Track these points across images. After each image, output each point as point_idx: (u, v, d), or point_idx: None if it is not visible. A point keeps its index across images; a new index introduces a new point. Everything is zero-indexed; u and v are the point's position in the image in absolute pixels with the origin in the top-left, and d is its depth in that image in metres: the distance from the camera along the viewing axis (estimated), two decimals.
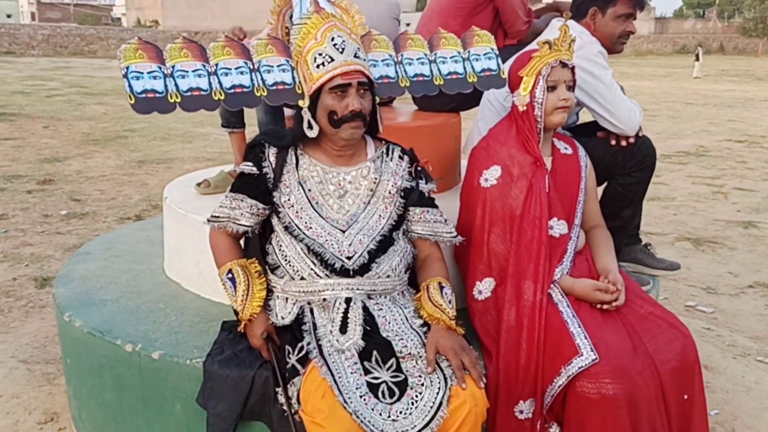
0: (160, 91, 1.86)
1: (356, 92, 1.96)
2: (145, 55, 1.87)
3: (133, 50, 1.87)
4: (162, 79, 1.87)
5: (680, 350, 2.14)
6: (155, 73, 1.87)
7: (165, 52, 1.91)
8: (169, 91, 1.86)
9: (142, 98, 1.83)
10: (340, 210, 2.04)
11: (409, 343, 1.91)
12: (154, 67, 1.87)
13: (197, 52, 1.95)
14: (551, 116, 2.19)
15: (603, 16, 2.53)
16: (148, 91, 1.84)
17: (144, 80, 1.84)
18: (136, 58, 1.86)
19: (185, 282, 2.62)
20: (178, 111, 1.92)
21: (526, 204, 2.16)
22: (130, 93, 1.83)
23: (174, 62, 1.90)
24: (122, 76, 1.84)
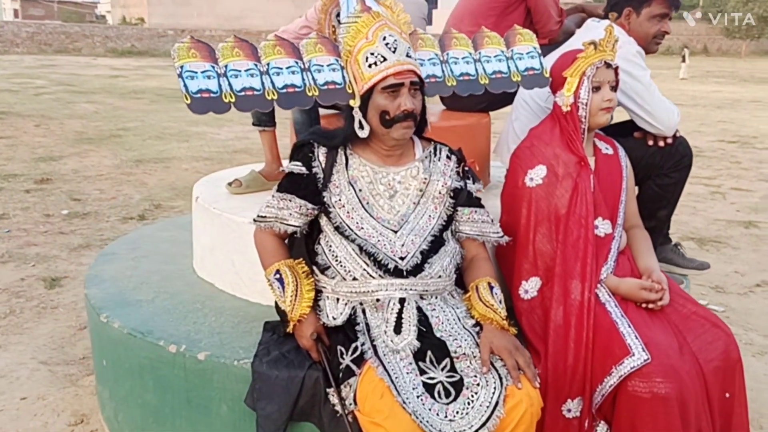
0: (215, 91, 1.84)
1: (408, 92, 1.96)
2: (198, 54, 1.86)
3: (186, 49, 1.86)
4: (216, 78, 1.86)
5: (723, 349, 2.15)
6: (209, 72, 1.86)
7: (217, 51, 1.90)
8: (223, 91, 1.85)
9: (197, 98, 1.82)
10: (391, 210, 2.04)
11: (463, 343, 1.91)
12: (207, 66, 1.86)
13: (248, 51, 1.94)
14: (595, 117, 2.20)
15: (638, 17, 2.55)
16: (203, 91, 1.83)
17: (198, 80, 1.83)
18: (190, 57, 1.85)
19: (219, 282, 2.61)
20: (173, 110, 1.91)
21: (571, 203, 2.18)
22: (186, 93, 1.82)
23: (226, 61, 1.89)
24: (177, 76, 1.82)
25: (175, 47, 1.84)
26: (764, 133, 12.34)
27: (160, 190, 7.15)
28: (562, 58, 2.25)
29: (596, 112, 2.20)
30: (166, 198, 6.83)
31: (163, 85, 19.41)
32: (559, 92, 2.22)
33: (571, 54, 2.23)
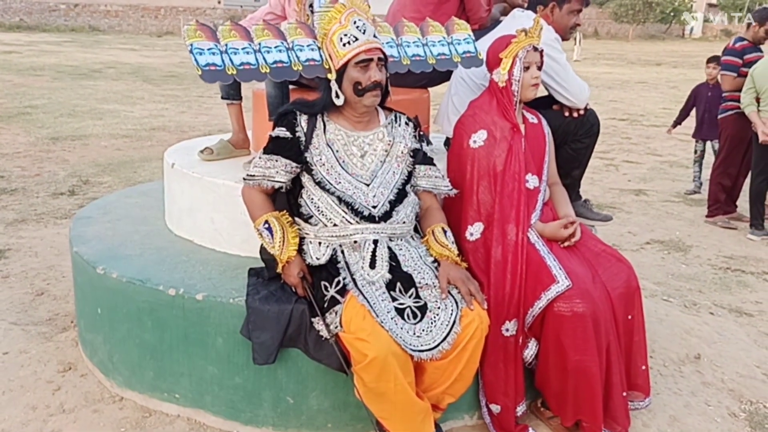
0: (219, 65, 2.19)
1: (376, 66, 2.37)
2: (203, 35, 2.21)
3: (193, 30, 2.21)
4: (219, 54, 2.21)
5: (625, 279, 2.70)
6: (213, 49, 2.20)
7: (218, 32, 2.24)
8: (226, 65, 2.20)
9: (207, 70, 2.17)
10: (363, 167, 2.44)
11: (426, 275, 2.36)
12: (211, 44, 2.21)
13: (243, 33, 2.31)
14: (526, 91, 2.69)
15: (560, 10, 3.05)
16: (211, 65, 2.18)
17: (205, 55, 2.17)
18: (197, 37, 2.20)
19: (198, 239, 2.93)
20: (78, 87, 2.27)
21: (507, 161, 2.65)
22: (197, 66, 2.17)
23: (226, 41, 2.25)
24: (188, 52, 2.16)
25: (185, 29, 2.18)
26: (650, 112, 13.47)
27: (84, 167, 7.22)
28: (498, 42, 2.70)
29: (527, 87, 2.69)
30: (93, 174, 6.92)
31: (61, 61, 18.81)
32: (496, 70, 2.68)
33: (506, 39, 2.69)
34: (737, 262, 5.15)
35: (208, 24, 2.24)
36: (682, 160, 8.97)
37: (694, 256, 5.27)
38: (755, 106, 5.63)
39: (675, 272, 4.87)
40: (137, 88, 14.19)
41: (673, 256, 5.28)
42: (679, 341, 3.63)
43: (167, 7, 38.30)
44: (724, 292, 4.51)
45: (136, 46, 26.74)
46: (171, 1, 39.75)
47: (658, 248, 5.45)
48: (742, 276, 4.85)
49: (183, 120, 10.53)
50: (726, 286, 4.64)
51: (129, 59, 20.87)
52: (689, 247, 5.47)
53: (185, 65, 19.76)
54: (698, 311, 4.15)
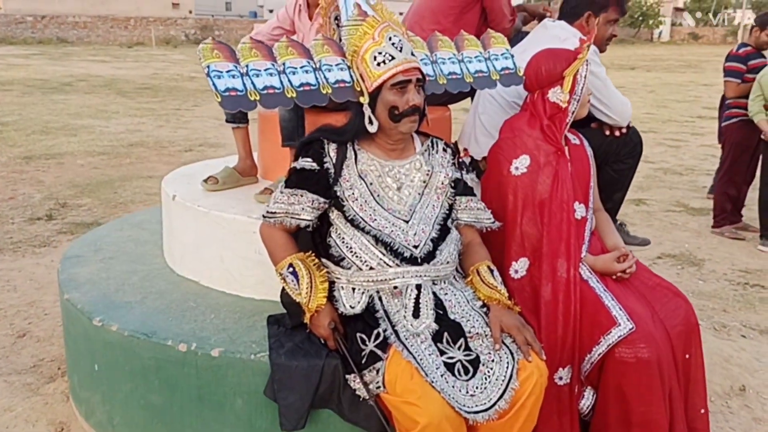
0: (241, 89, 1.89)
1: (414, 88, 2.08)
2: (221, 55, 1.90)
3: (209, 50, 1.89)
4: (240, 77, 1.91)
5: (684, 315, 2.44)
6: (233, 71, 1.90)
7: (237, 51, 1.94)
8: (248, 89, 1.90)
9: (227, 96, 1.86)
10: (400, 201, 2.15)
11: (476, 323, 2.07)
12: (230, 66, 1.91)
13: (265, 51, 2.00)
14: (582, 110, 2.42)
15: (596, 20, 2.79)
16: (231, 90, 1.87)
17: (225, 79, 1.87)
18: (214, 57, 1.89)
19: (205, 279, 2.62)
20: (50, 102, 1.96)
21: (553, 189, 2.38)
22: (216, 91, 1.86)
23: (247, 61, 1.94)
24: (205, 75, 1.85)
25: (200, 48, 1.87)
26: (634, 117, 13.26)
27: (60, 188, 6.82)
28: (554, 58, 2.42)
29: (584, 105, 2.43)
30: (71, 196, 6.53)
31: (30, 75, 18.24)
32: (553, 89, 2.40)
33: (565, 54, 2.41)
34: (754, 277, 4.95)
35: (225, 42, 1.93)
36: (675, 167, 8.82)
37: (709, 271, 5.07)
38: (764, 114, 5.46)
39: (695, 290, 4.65)
40: (111, 101, 13.72)
41: (688, 271, 5.06)
42: (721, 371, 3.38)
43: (137, 17, 37.63)
44: (749, 311, 4.30)
45: (106, 58, 26.13)
46: (141, 11, 39.11)
47: (671, 263, 5.24)
48: (762, 292, 4.65)
49: (162, 134, 10.14)
50: (749, 303, 4.43)
51: (100, 71, 20.33)
52: (702, 261, 5.27)
53: (159, 77, 19.32)
54: (729, 334, 3.93)
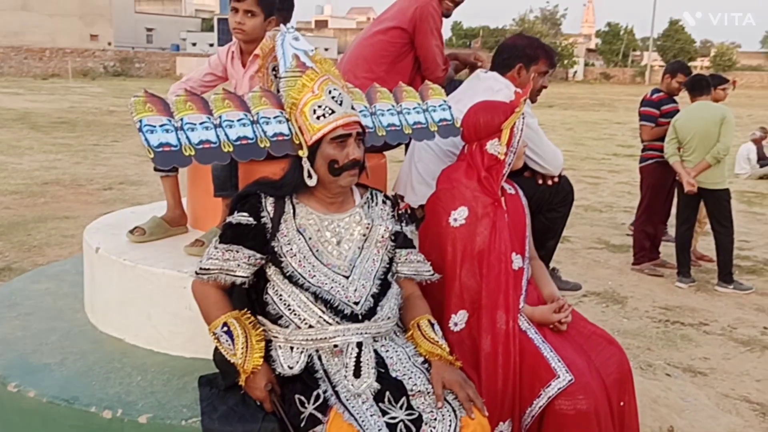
0: (175, 145, 1.81)
1: (354, 141, 2.05)
2: (154, 108, 1.82)
3: (142, 103, 1.81)
4: (174, 132, 1.83)
5: (618, 363, 2.46)
6: (167, 126, 1.82)
7: (171, 104, 1.86)
8: (182, 144, 1.82)
9: (160, 152, 1.78)
10: (340, 256, 2.10)
11: (417, 381, 2.03)
12: (164, 120, 1.83)
13: (200, 104, 1.93)
14: (518, 161, 2.44)
15: (527, 72, 2.84)
16: (164, 145, 1.79)
17: (158, 133, 1.79)
18: (146, 111, 1.81)
19: (131, 337, 2.48)
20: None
21: (491, 240, 2.38)
22: (148, 147, 1.77)
23: (181, 115, 1.86)
24: (137, 130, 1.76)
25: (132, 101, 1.79)
26: None
27: None
28: (492, 110, 2.43)
29: (519, 157, 2.45)
30: None
31: None
32: (491, 141, 2.40)
33: (503, 107, 2.43)
34: (674, 314, 5.13)
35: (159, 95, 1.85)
36: (594, 204, 9.11)
37: (632, 308, 5.22)
38: (678, 156, 5.71)
39: (620, 328, 4.77)
40: (24, 136, 13.16)
41: (612, 309, 5.20)
42: (650, 413, 3.45)
43: (53, 48, 36.46)
44: (671, 349, 4.43)
45: (20, 90, 25.16)
46: (56, 43, 37.91)
47: (596, 301, 5.37)
48: (682, 329, 4.82)
49: (79, 172, 9.76)
50: (671, 341, 4.57)
51: (13, 104, 19.51)
52: (625, 299, 5.42)
53: (76, 110, 18.71)
54: (655, 373, 4.03)
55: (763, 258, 6.71)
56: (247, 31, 2.55)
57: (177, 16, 58.33)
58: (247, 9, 2.52)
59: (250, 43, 2.58)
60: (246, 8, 2.52)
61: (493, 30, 65.00)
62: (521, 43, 2.91)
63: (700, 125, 5.51)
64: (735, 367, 4.18)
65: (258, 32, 2.55)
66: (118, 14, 44.67)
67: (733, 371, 4.12)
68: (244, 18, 2.53)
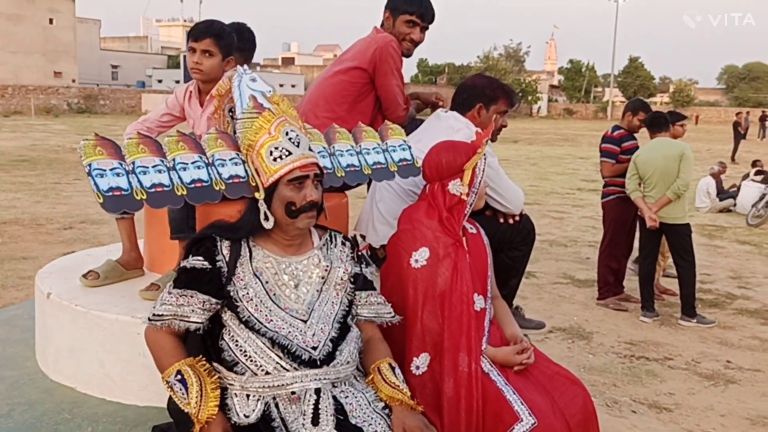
0: (126, 188, 1.77)
1: (312, 183, 2.03)
2: (104, 151, 1.79)
3: (92, 146, 1.77)
4: (125, 175, 1.79)
5: (582, 403, 2.44)
6: (117, 169, 1.78)
7: (123, 147, 1.82)
8: (134, 188, 1.78)
9: (110, 197, 1.74)
10: (298, 300, 2.06)
11: (378, 427, 1.98)
12: (115, 163, 1.79)
13: (153, 147, 1.89)
14: (480, 201, 2.44)
15: (487, 111, 2.87)
16: (114, 189, 1.75)
17: (108, 177, 1.75)
18: (96, 154, 1.77)
19: (83, 386, 2.39)
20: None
21: (453, 282, 2.36)
22: (97, 192, 1.73)
23: (133, 158, 1.82)
24: (87, 174, 1.72)
25: (81, 144, 1.75)
26: None
27: None
28: (454, 151, 2.43)
29: (481, 197, 2.45)
30: None
31: None
32: (453, 182, 2.40)
33: (465, 148, 2.43)
34: (639, 349, 5.15)
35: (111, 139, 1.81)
36: (559, 238, 9.18)
37: (597, 344, 5.22)
38: (640, 191, 5.80)
39: (585, 364, 4.77)
40: None
41: (578, 345, 5.20)
42: None
43: (15, 85, 36.03)
44: (637, 385, 4.44)
45: None
46: (19, 80, 37.51)
47: (562, 337, 5.37)
48: (647, 364, 4.83)
49: (38, 211, 9.57)
50: (637, 376, 4.58)
51: None
52: (590, 334, 5.44)
53: (38, 148, 18.44)
54: (621, 410, 4.02)
55: (725, 291, 6.81)
56: (205, 71, 2.53)
57: (143, 53, 58.20)
58: (205, 49, 2.51)
59: (208, 83, 2.57)
60: (204, 48, 2.51)
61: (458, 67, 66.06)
62: (481, 83, 2.94)
63: (660, 161, 5.61)
64: (699, 402, 4.20)
65: (216, 72, 2.54)
66: (83, 51, 44.45)
67: (698, 406, 4.13)
68: (202, 58, 2.52)
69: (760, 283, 7.18)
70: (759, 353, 5.11)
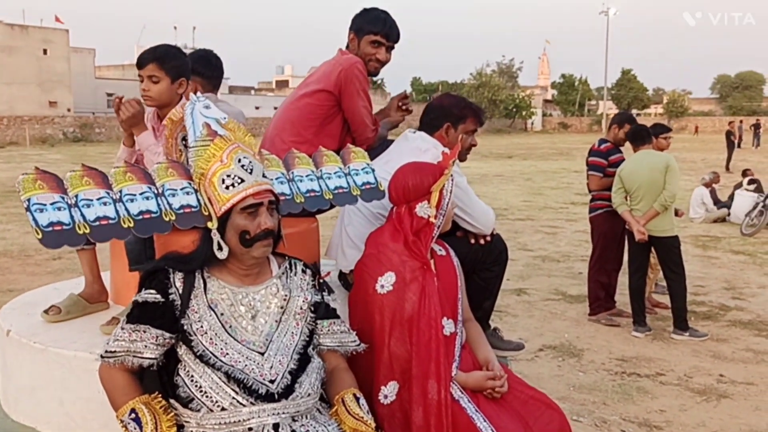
0: (67, 223, 1.72)
1: (266, 210, 1.99)
2: (45, 185, 1.74)
3: (32, 181, 1.73)
4: (67, 209, 1.74)
5: (558, 428, 2.38)
6: (59, 203, 1.73)
7: (65, 181, 1.77)
8: (76, 222, 1.73)
9: (49, 232, 1.69)
10: (255, 331, 2.00)
11: None
12: (56, 197, 1.74)
13: (99, 179, 1.85)
14: (447, 224, 2.40)
15: (455, 131, 2.83)
16: (54, 224, 1.70)
17: (48, 212, 1.70)
18: (36, 189, 1.73)
19: (43, 425, 2.32)
20: None
21: (421, 306, 2.30)
22: (36, 227, 1.68)
23: (77, 191, 1.78)
24: (25, 210, 1.67)
25: (20, 179, 1.70)
26: (513, 205, 13.90)
27: None
28: (421, 173, 2.38)
29: (449, 219, 2.41)
30: None
31: None
32: (420, 204, 2.36)
33: (431, 169, 2.39)
34: (630, 365, 5.07)
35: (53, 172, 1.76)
36: (552, 254, 9.12)
37: (588, 362, 5.15)
38: (627, 205, 5.75)
39: (575, 383, 4.69)
40: None
41: (569, 363, 5.12)
42: None
43: (10, 116, 36.12)
44: (627, 402, 4.36)
45: None
46: (14, 110, 37.60)
47: (552, 355, 5.29)
48: (639, 380, 4.75)
49: (28, 242, 9.49)
50: (627, 394, 4.50)
51: None
52: (581, 351, 5.36)
53: None
54: (610, 430, 3.94)
55: (719, 303, 6.74)
56: (154, 96, 2.49)
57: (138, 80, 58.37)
58: (150, 74, 2.47)
59: (163, 109, 2.52)
60: (148, 74, 2.47)
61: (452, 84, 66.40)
62: (448, 102, 2.91)
63: (645, 174, 5.57)
64: (691, 418, 4.12)
65: (166, 97, 2.49)
66: (78, 80, 44.61)
67: (690, 423, 4.05)
68: (149, 84, 2.48)
69: (754, 294, 7.11)
70: (752, 366, 5.04)
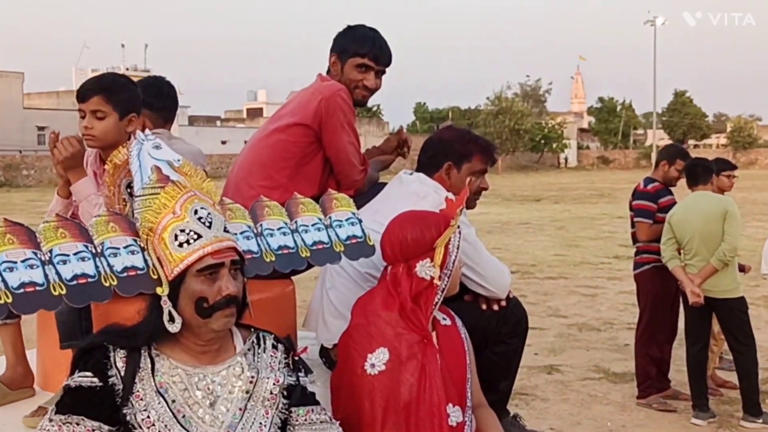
0: None
1: (228, 273, 2.03)
2: (15, 240, 1.88)
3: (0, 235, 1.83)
4: None
5: None
6: None
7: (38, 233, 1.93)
8: None
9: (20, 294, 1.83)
10: (214, 422, 2.04)
11: None
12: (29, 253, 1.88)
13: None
14: (453, 287, 2.47)
15: (458, 172, 2.90)
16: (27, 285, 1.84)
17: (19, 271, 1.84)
18: (6, 244, 1.86)
19: None
20: None
21: (420, 390, 2.34)
22: (5, 290, 1.80)
23: None
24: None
25: None
26: (542, 260, 13.96)
27: None
28: (421, 225, 2.45)
29: (455, 280, 2.46)
30: None
31: None
32: (422, 263, 2.42)
33: (434, 220, 2.47)
34: None
35: None
36: (591, 321, 9.14)
37: None
38: (679, 259, 5.77)
39: None
40: None
41: None
42: None
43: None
44: None
45: None
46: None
47: None
48: None
49: None
50: None
51: None
52: None
53: None
54: None
55: None
56: (98, 135, 2.55)
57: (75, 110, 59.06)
58: (94, 109, 2.54)
59: (107, 150, 2.56)
60: (92, 108, 2.54)
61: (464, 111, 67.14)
62: (449, 137, 2.98)
63: (699, 222, 5.60)
64: None
65: (113, 136, 2.54)
66: (2, 111, 45.16)
67: None
68: (92, 121, 2.54)
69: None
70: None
